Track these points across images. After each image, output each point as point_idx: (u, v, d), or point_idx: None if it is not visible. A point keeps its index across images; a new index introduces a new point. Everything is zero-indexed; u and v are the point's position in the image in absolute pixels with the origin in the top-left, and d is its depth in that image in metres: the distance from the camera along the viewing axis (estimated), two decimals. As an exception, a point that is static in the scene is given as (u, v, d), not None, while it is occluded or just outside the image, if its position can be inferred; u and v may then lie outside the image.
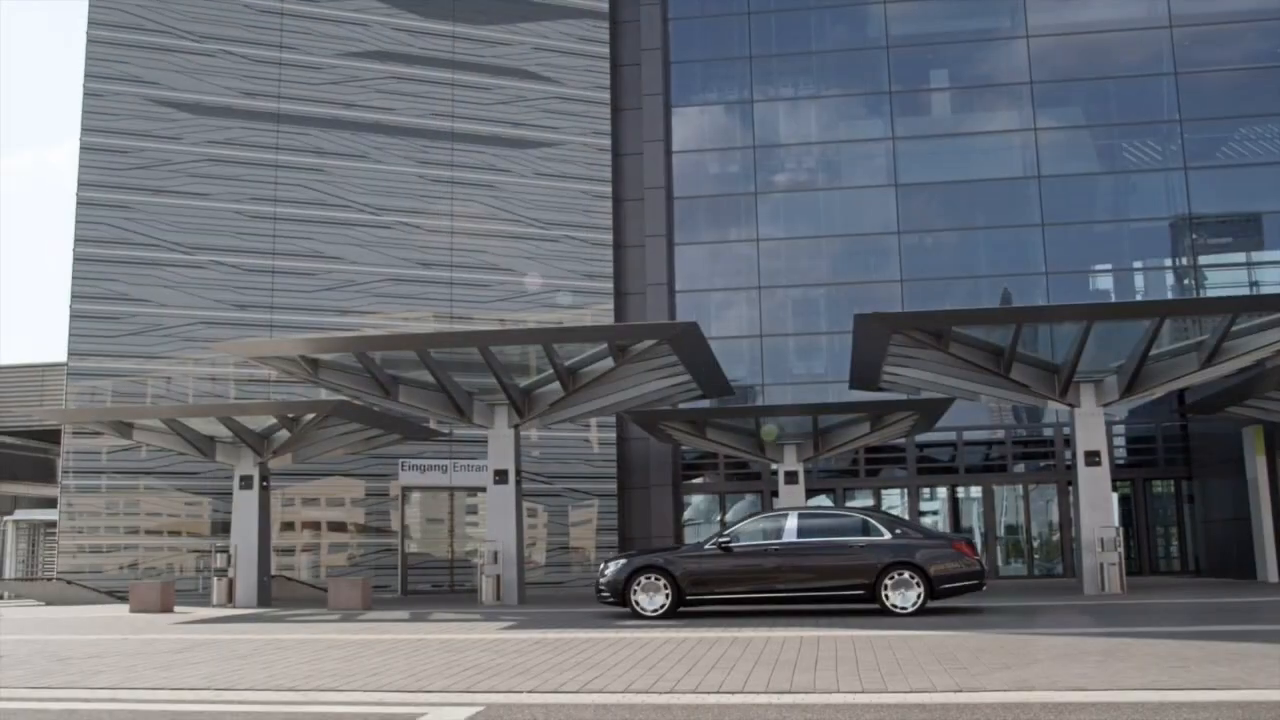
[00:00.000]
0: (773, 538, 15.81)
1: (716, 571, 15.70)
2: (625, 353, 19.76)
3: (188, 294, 26.52)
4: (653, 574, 15.75)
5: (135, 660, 10.66)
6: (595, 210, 29.01)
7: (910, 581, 14.96)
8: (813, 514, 16.85)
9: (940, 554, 15.27)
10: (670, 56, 30.37)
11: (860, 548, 15.33)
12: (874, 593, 15.06)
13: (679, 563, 15.87)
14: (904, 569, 15.01)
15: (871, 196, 29.11)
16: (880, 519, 16.16)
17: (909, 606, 14.86)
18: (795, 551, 15.51)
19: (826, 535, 15.68)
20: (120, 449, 25.65)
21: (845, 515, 16.65)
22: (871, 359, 20.43)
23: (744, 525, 16.53)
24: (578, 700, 7.52)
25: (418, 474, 26.59)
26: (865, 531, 15.61)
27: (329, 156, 27.76)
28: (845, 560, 15.27)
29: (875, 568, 15.07)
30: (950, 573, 15.14)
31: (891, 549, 15.19)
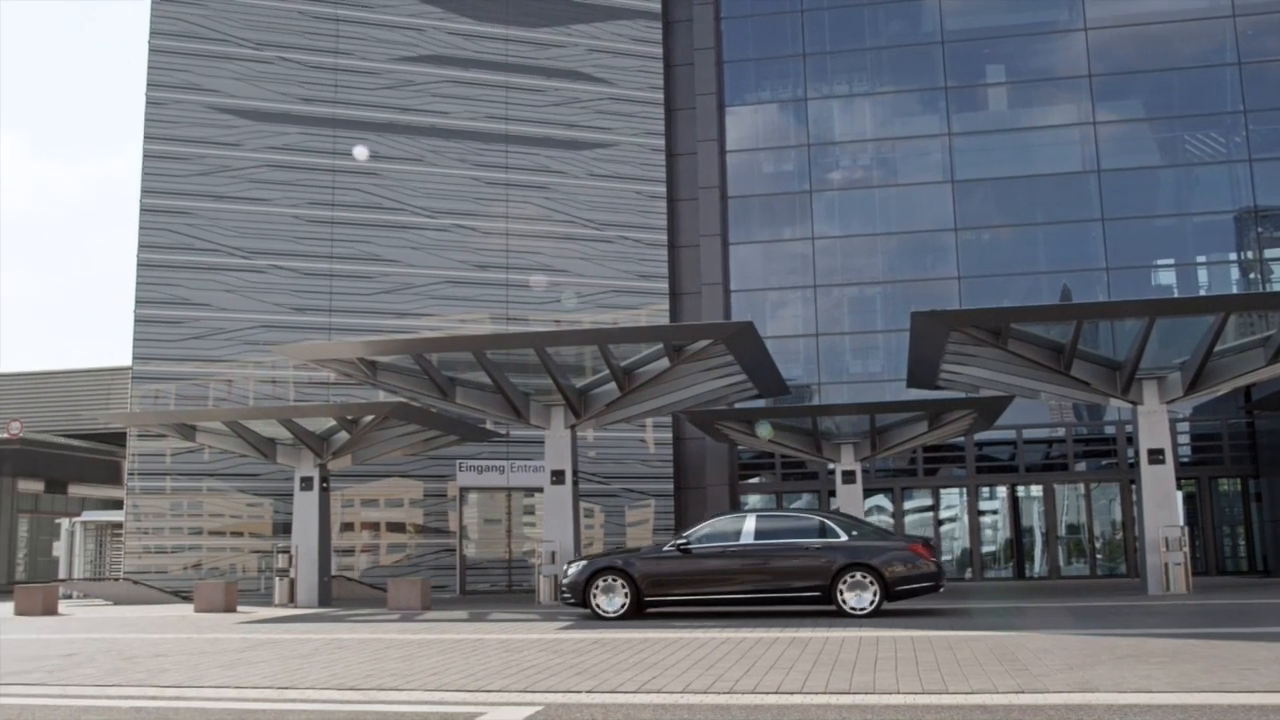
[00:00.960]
0: (731, 539, 16.02)
1: (675, 573, 15.93)
2: (681, 353, 19.75)
3: (248, 298, 26.88)
4: (612, 575, 16.03)
5: (200, 659, 10.81)
6: (649, 211, 29.02)
7: (865, 583, 15.13)
8: (771, 516, 16.98)
9: (896, 556, 15.38)
10: (723, 56, 30.30)
11: (817, 549, 15.49)
12: (830, 594, 15.23)
13: (638, 564, 16.10)
14: (859, 570, 15.17)
15: (927, 193, 28.86)
16: (838, 521, 16.26)
17: (864, 608, 15.02)
18: (752, 553, 15.74)
19: (784, 537, 15.84)
20: (184, 451, 26.05)
21: (803, 517, 16.72)
22: (929, 357, 20.25)
23: (703, 527, 16.69)
24: (636, 700, 7.53)
25: (475, 475, 26.74)
26: (822, 533, 15.79)
27: (385, 160, 28.01)
28: (801, 562, 15.46)
29: (831, 569, 15.24)
30: (906, 574, 15.26)
31: (847, 551, 15.36)
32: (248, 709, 7.55)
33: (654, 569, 16.01)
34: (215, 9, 27.86)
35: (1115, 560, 27.19)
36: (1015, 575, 27.19)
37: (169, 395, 26.36)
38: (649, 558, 16.28)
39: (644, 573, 15.98)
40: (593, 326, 26.25)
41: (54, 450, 35.25)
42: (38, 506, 44.06)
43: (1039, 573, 27.22)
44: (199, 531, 26.46)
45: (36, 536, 42.44)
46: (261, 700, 7.95)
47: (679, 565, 15.96)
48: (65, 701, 8.04)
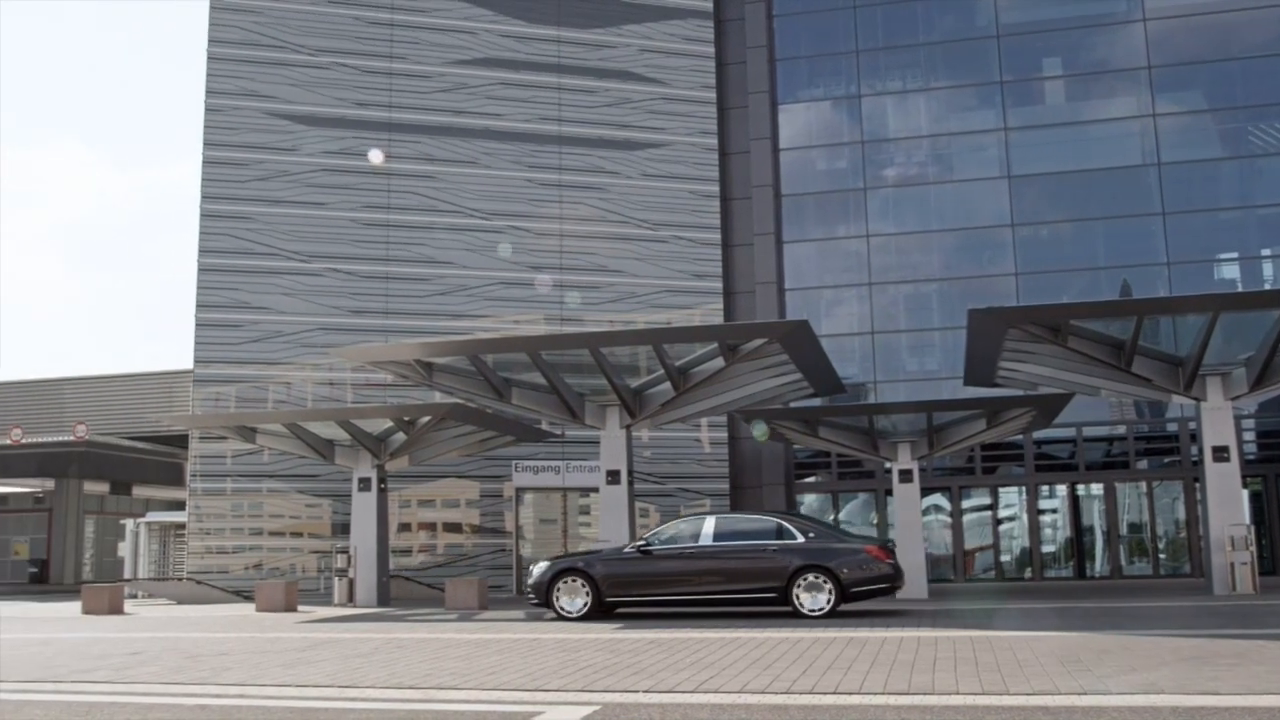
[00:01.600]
0: (690, 541, 16.31)
1: (635, 574, 16.26)
2: (735, 352, 19.70)
3: (306, 301, 27.19)
4: (574, 576, 16.40)
5: (262, 658, 10.95)
6: (703, 210, 28.98)
7: (821, 584, 15.34)
8: (730, 518, 17.25)
9: (852, 558, 15.53)
10: (775, 53, 30.19)
11: (773, 551, 15.71)
12: (786, 595, 15.46)
13: (599, 565, 16.45)
14: (815, 572, 15.37)
15: (984, 189, 28.58)
16: (795, 523, 16.39)
17: (819, 609, 15.23)
18: (711, 554, 16.01)
19: (742, 539, 16.10)
20: (244, 453, 26.40)
21: (761, 519, 16.85)
22: (986, 354, 20.05)
23: (664, 529, 16.99)
24: (693, 700, 7.52)
25: (531, 475, 26.85)
26: (780, 535, 15.98)
27: (440, 163, 28.21)
28: (758, 563, 15.69)
29: (787, 570, 15.46)
30: (861, 576, 15.43)
31: (803, 552, 15.56)
32: (309, 707, 7.63)
33: (614, 570, 16.37)
34: (272, 17, 28.22)
35: (1179, 560, 26.76)
36: (1076, 575, 26.84)
37: (229, 397, 26.72)
38: (610, 559, 16.65)
39: (604, 574, 16.34)
40: (647, 326, 26.26)
41: (118, 452, 35.90)
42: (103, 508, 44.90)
43: (1100, 572, 26.85)
44: (259, 532, 26.80)
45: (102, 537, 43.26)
46: (322, 699, 8.03)
47: (639, 566, 16.32)
48: (131, 699, 8.17)
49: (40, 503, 43.19)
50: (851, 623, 13.87)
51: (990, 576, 27.19)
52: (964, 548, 27.63)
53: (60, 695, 8.49)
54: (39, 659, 11.33)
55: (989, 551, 27.72)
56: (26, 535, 42.63)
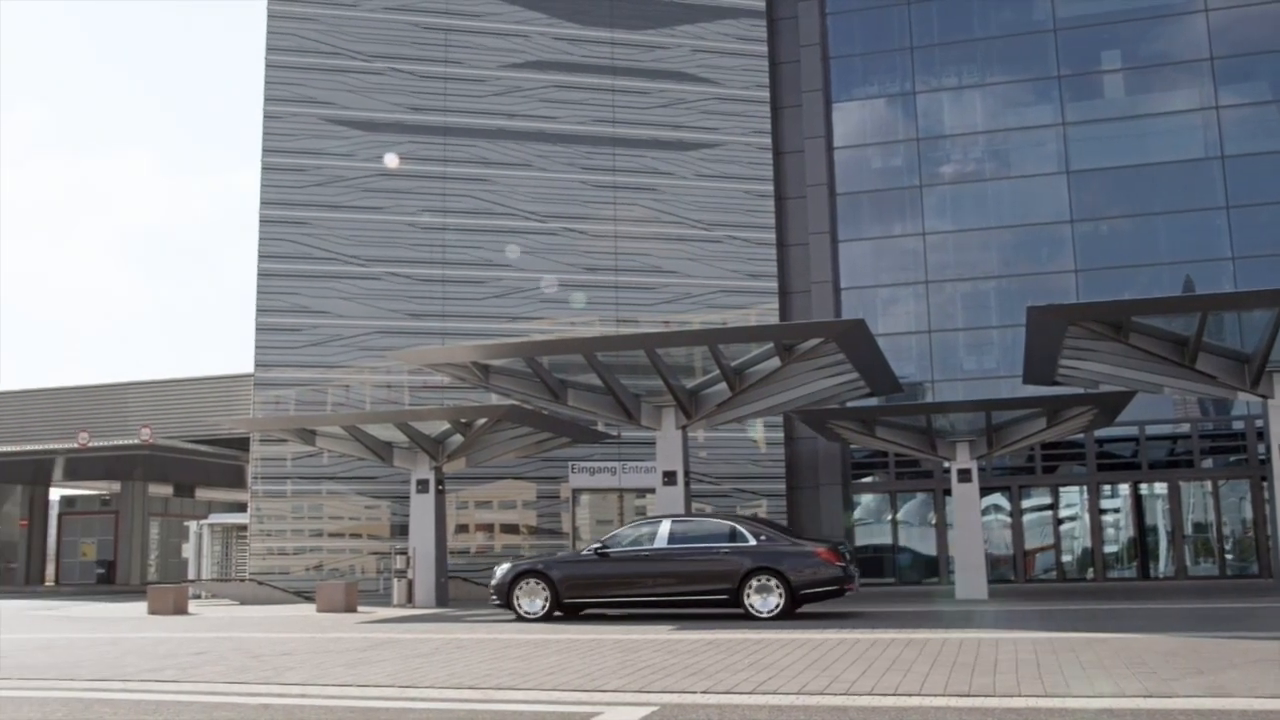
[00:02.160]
0: (646, 544, 16.71)
1: (592, 576, 16.74)
2: (791, 352, 19.62)
3: (364, 305, 27.45)
4: (533, 579, 16.89)
5: (323, 658, 11.06)
6: (757, 209, 28.91)
7: (771, 587, 15.69)
8: (685, 521, 17.49)
9: (802, 561, 15.84)
10: (829, 51, 30.05)
11: (726, 553, 16.07)
12: (737, 597, 15.81)
13: (557, 568, 16.98)
14: (766, 574, 15.73)
15: (1042, 185, 28.24)
16: (748, 526, 16.63)
17: (770, 611, 15.57)
18: (665, 557, 16.43)
19: (696, 542, 16.50)
20: (304, 455, 26.71)
21: (715, 522, 17.17)
22: (1046, 352, 19.80)
23: (621, 531, 17.41)
24: (752, 701, 7.49)
25: (587, 476, 26.91)
26: (732, 538, 16.31)
27: (495, 166, 28.38)
28: (711, 566, 16.04)
29: (738, 573, 15.82)
30: (811, 579, 15.74)
31: (755, 555, 15.92)
32: (370, 707, 7.70)
33: (572, 573, 16.86)
34: (329, 24, 28.53)
35: (1246, 560, 26.28)
36: (1139, 575, 26.44)
37: (289, 400, 27.04)
38: (568, 562, 17.26)
39: (562, 576, 16.81)
40: (702, 327, 26.22)
41: (182, 455, 36.42)
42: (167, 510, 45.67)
43: (1165, 573, 26.43)
44: (319, 533, 27.10)
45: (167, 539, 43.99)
46: (383, 699, 8.10)
47: (596, 569, 16.78)
48: (197, 698, 8.30)
49: (107, 505, 44.01)
50: (910, 624, 13.76)
51: (1051, 577, 26.87)
52: (1024, 548, 27.32)
53: (128, 694, 8.64)
54: (108, 658, 11.54)
55: (1050, 552, 27.39)
56: (94, 537, 43.45)
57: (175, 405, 35.57)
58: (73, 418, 35.73)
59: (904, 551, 28.18)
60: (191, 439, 35.14)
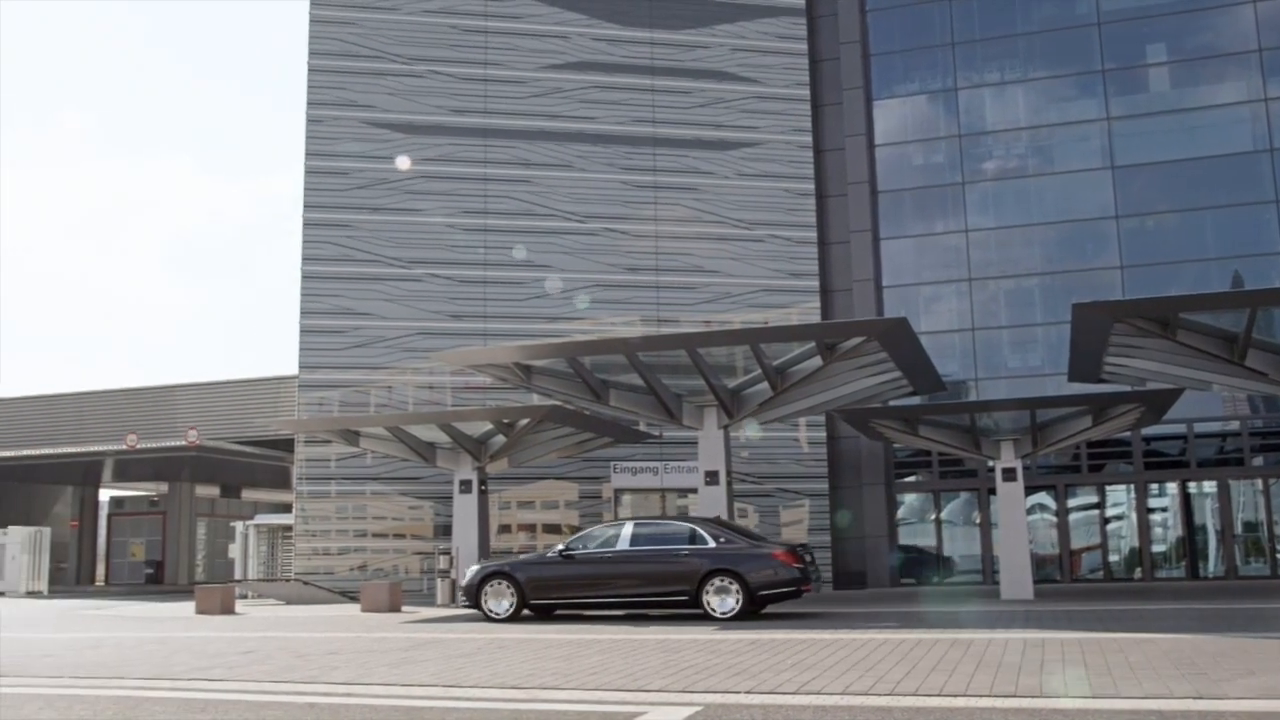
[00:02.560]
0: (609, 546, 17.13)
1: (557, 577, 17.14)
2: (833, 351, 19.54)
3: (406, 306, 27.61)
4: (500, 580, 17.31)
5: (368, 657, 11.15)
6: (798, 208, 28.81)
7: (729, 588, 16.05)
8: (647, 523, 17.81)
9: (759, 563, 16.17)
10: (869, 49, 29.89)
11: (685, 555, 16.46)
12: (696, 598, 16.18)
13: (524, 569, 17.38)
14: (724, 576, 16.09)
15: (1086, 180, 27.95)
16: (708, 528, 16.92)
17: (728, 611, 15.92)
18: (627, 559, 16.83)
19: (657, 544, 16.88)
20: (348, 456, 26.90)
21: (675, 525, 17.50)
22: (1091, 350, 19.59)
23: (586, 534, 17.88)
24: (796, 701, 7.47)
25: (629, 476, 26.92)
26: (692, 540, 16.67)
27: (535, 167, 28.46)
28: (671, 567, 16.43)
29: (698, 574, 16.17)
30: (768, 580, 16.07)
31: (713, 557, 16.29)
32: (415, 706, 7.75)
33: (537, 574, 17.26)
34: (370, 28, 28.72)
35: (1298, 559, 25.88)
36: (1188, 575, 26.11)
37: (333, 402, 27.25)
38: (533, 563, 17.62)
39: (528, 577, 17.22)
40: (744, 326, 26.17)
41: (228, 456, 36.79)
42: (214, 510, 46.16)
43: (1214, 573, 26.08)
44: (363, 534, 27.28)
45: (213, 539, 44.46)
46: (428, 698, 8.15)
47: (560, 570, 17.19)
48: (245, 697, 8.38)
49: (155, 506, 44.57)
50: (954, 624, 13.67)
51: (1098, 577, 26.59)
52: (1070, 547, 27.06)
53: (177, 692, 8.74)
54: (157, 657, 11.68)
55: (1096, 551, 27.11)
56: (143, 537, 44.01)
57: (221, 407, 35.96)
58: (121, 420, 36.21)
59: (948, 551, 28.00)
60: (237, 440, 35.49)
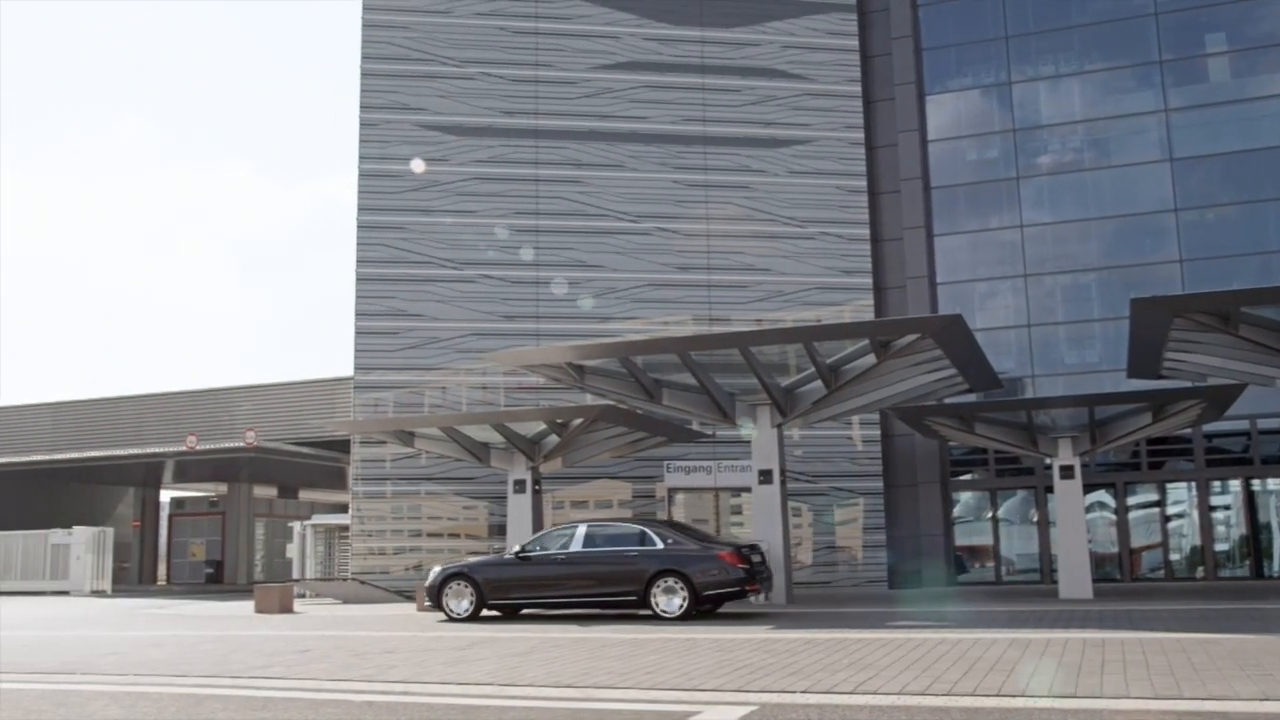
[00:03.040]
0: (563, 548, 17.65)
1: (513, 578, 17.67)
2: (887, 348, 19.41)
3: (459, 307, 27.77)
4: (460, 580, 17.82)
5: (424, 656, 11.22)
6: (851, 205, 28.65)
7: (676, 588, 16.49)
8: (599, 525, 18.25)
9: (705, 564, 16.58)
10: (921, 44, 29.64)
11: (634, 556, 16.94)
12: (645, 598, 16.64)
13: (482, 570, 17.95)
14: (671, 577, 16.53)
15: (1144, 173, 27.54)
16: (656, 530, 17.42)
17: (674, 611, 16.37)
18: (580, 560, 17.33)
19: (608, 545, 17.37)
20: (403, 457, 27.11)
21: (626, 526, 17.99)
22: (1151, 345, 19.30)
23: (541, 536, 18.43)
24: (851, 701, 7.43)
25: (683, 475, 26.89)
26: (641, 542, 17.16)
27: (586, 168, 28.51)
28: (620, 568, 16.92)
29: (645, 575, 16.65)
30: (712, 581, 16.49)
31: (661, 558, 16.76)
32: (471, 704, 7.79)
33: (495, 575, 17.82)
34: (422, 31, 28.92)
35: (1366, 557, 25.34)
36: (1252, 575, 25.64)
37: (387, 403, 27.47)
38: (491, 565, 18.25)
39: (486, 578, 17.77)
40: (796, 324, 26.06)
41: (285, 457, 37.19)
42: (272, 510, 46.69)
43: (1278, 572, 25.61)
44: (419, 533, 27.48)
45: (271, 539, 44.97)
46: (484, 696, 8.19)
47: (517, 571, 17.70)
48: (303, 695, 8.47)
49: (214, 506, 45.16)
50: (1013, 624, 13.53)
51: (1159, 576, 26.20)
52: (1130, 546, 26.68)
53: (238, 690, 8.86)
54: (216, 655, 11.84)
55: (1157, 550, 26.72)
56: (203, 537, 44.62)
57: (278, 408, 36.38)
58: (182, 421, 36.75)
59: (1004, 550, 27.71)
60: (294, 441, 35.88)
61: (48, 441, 39.01)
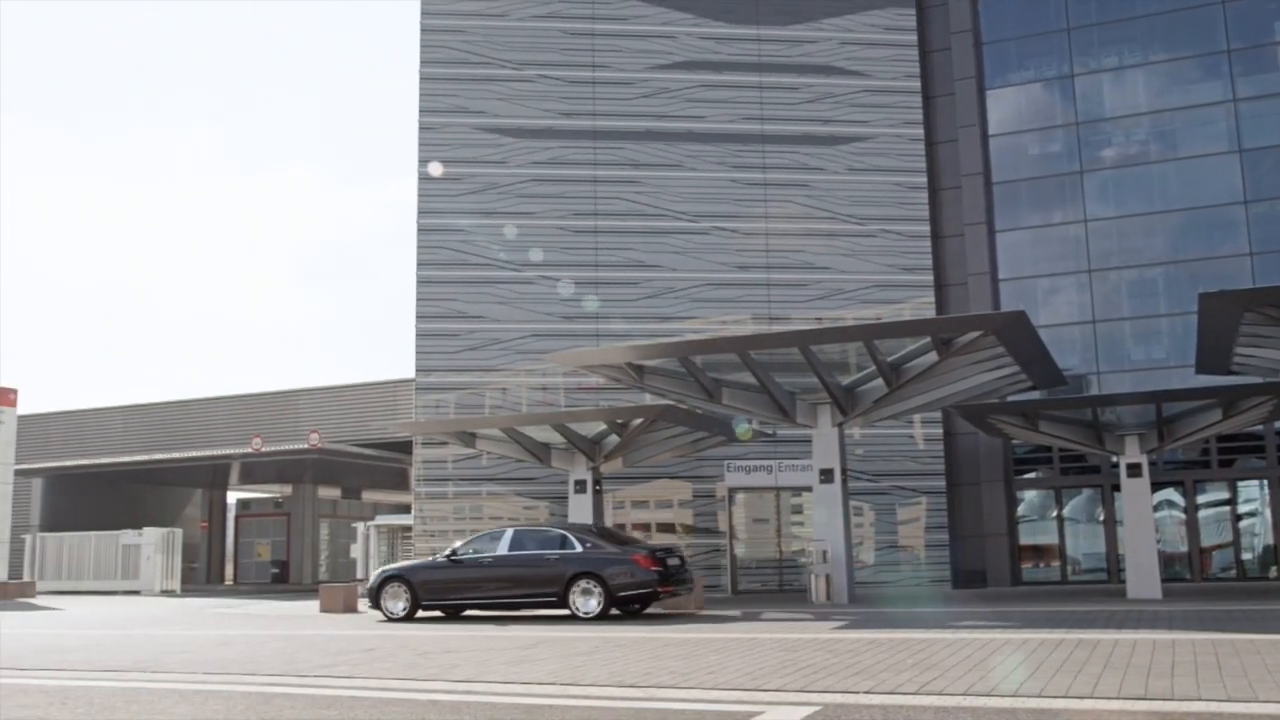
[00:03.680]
0: (491, 551, 18.39)
1: (445, 581, 18.41)
2: (949, 346, 19.22)
3: (519, 309, 27.91)
4: (397, 583, 18.60)
5: (487, 655, 11.29)
6: (911, 202, 28.42)
7: (592, 590, 17.31)
8: (525, 530, 19.22)
9: (619, 566, 17.41)
10: (981, 37, 29.33)
11: (554, 560, 17.76)
12: (564, 599, 17.43)
13: (416, 573, 18.70)
14: (588, 579, 17.36)
15: (1212, 165, 27.03)
16: (576, 533, 18.23)
17: (592, 611, 17.17)
18: (505, 563, 18.14)
19: (531, 549, 18.19)
20: (464, 458, 27.29)
21: (548, 531, 18.78)
22: (1220, 340, 18.93)
23: (473, 539, 19.17)
24: (916, 702, 7.37)
25: (743, 475, 26.84)
26: (562, 545, 17.98)
27: (644, 168, 28.53)
28: (542, 570, 17.75)
29: (564, 577, 17.49)
30: (626, 583, 17.32)
31: (578, 561, 17.60)
32: (534, 704, 7.82)
33: (428, 577, 18.54)
34: (479, 35, 29.10)
35: None
36: (1328, 573, 25.09)
37: (448, 404, 27.67)
38: (425, 567, 18.91)
39: (420, 581, 18.51)
40: (857, 322, 25.89)
41: (348, 459, 37.59)
42: (336, 511, 47.20)
43: (1356, 570, 25.03)
44: (481, 534, 27.62)
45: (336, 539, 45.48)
46: (546, 695, 8.22)
47: (448, 574, 18.44)
48: (368, 694, 8.56)
49: (280, 507, 45.75)
50: (1081, 624, 13.34)
51: (1230, 576, 25.70)
52: (1200, 545, 26.20)
53: (305, 689, 8.96)
54: (283, 654, 11.99)
55: (1228, 549, 26.21)
56: (269, 538, 45.22)
57: (342, 411, 36.78)
58: (248, 424, 37.28)
59: (1070, 549, 27.33)
60: (357, 443, 36.25)
61: (118, 444, 39.75)
